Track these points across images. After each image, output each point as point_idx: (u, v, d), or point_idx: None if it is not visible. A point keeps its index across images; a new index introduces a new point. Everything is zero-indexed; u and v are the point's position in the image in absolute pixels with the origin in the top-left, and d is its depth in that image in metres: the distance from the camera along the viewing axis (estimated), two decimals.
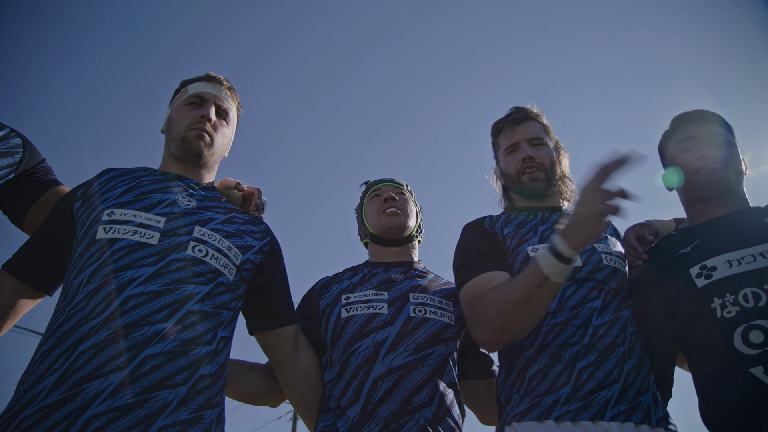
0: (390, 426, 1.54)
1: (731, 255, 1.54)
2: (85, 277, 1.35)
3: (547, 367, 1.53)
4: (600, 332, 1.54)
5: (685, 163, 1.73)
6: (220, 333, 1.42)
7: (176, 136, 1.63)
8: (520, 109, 1.97)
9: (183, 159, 1.63)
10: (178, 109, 1.67)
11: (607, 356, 1.51)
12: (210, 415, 1.34)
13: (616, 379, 1.48)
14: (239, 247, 1.54)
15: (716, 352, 1.48)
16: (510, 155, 1.92)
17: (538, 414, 1.47)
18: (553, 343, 1.55)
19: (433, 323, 1.71)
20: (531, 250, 1.69)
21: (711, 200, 1.70)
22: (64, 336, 1.27)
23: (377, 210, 1.99)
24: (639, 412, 1.47)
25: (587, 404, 1.45)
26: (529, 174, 1.84)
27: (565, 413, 1.44)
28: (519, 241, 1.74)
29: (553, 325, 1.57)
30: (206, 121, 1.62)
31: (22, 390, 1.24)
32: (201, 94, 1.67)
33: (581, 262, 1.66)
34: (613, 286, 1.65)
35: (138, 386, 1.22)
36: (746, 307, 1.44)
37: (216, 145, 1.66)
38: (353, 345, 1.68)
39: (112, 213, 1.43)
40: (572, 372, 1.50)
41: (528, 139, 1.89)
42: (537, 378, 1.53)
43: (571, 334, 1.54)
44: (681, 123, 1.81)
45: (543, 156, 1.87)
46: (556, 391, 1.49)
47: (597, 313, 1.57)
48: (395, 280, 1.85)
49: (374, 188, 2.09)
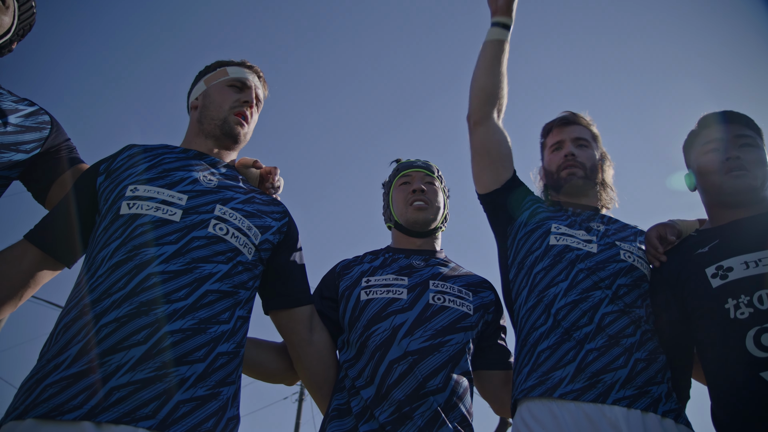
0: (403, 408, 1.56)
1: (749, 256, 1.52)
2: (109, 251, 1.36)
3: (557, 345, 1.58)
4: (608, 319, 1.57)
5: (709, 165, 1.69)
6: (237, 312, 1.44)
7: (216, 116, 1.66)
8: (571, 112, 2.02)
9: (218, 138, 1.66)
10: (219, 89, 1.71)
11: (617, 342, 1.54)
12: (227, 392, 1.36)
13: (623, 365, 1.51)
14: (258, 227, 1.55)
15: (727, 353, 1.47)
16: (554, 152, 1.97)
17: (543, 390, 1.51)
18: (563, 323, 1.60)
19: (451, 312, 1.72)
20: (555, 227, 1.78)
21: (734, 206, 1.67)
22: (86, 308, 1.29)
23: (405, 200, 1.96)
24: (646, 399, 1.47)
25: (592, 384, 1.48)
26: (569, 170, 1.89)
27: (569, 391, 1.47)
28: (548, 216, 1.84)
29: (564, 304, 1.63)
30: (249, 106, 1.69)
31: (45, 359, 1.27)
32: (244, 80, 1.73)
33: (596, 249, 1.72)
34: (626, 282, 1.67)
35: (158, 361, 1.25)
36: (761, 309, 1.43)
37: (250, 130, 1.73)
38: (371, 327, 1.69)
39: (135, 189, 1.45)
40: (580, 351, 1.54)
41: (573, 139, 1.94)
42: (545, 353, 1.58)
43: (579, 315, 1.59)
44: (708, 123, 1.77)
45: (585, 156, 1.92)
46: (561, 368, 1.52)
47: (606, 303, 1.61)
48: (416, 267, 1.85)
49: (404, 173, 2.04)
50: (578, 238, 1.76)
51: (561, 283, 1.67)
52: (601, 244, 1.75)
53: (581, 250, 1.73)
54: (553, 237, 1.77)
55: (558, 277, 1.69)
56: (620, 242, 1.78)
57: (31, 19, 1.70)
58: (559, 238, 1.76)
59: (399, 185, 2.02)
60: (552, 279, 1.69)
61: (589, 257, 1.71)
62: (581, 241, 1.76)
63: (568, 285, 1.66)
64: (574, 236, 1.77)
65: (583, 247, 1.73)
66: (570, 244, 1.74)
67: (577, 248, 1.73)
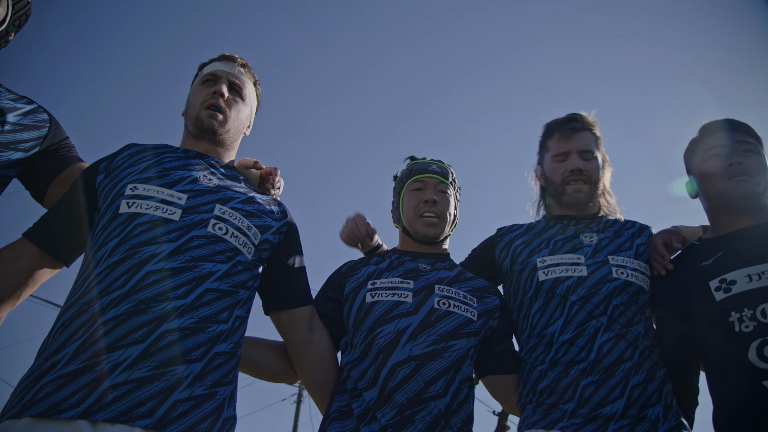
0: (404, 412, 1.56)
1: (752, 269, 1.53)
2: (108, 250, 1.36)
3: (555, 383, 1.64)
4: (605, 348, 1.62)
5: (712, 170, 1.70)
6: (236, 312, 1.43)
7: (191, 115, 1.65)
8: (577, 116, 1.95)
9: (199, 137, 1.64)
10: (194, 89, 1.70)
11: (612, 373, 1.59)
12: (223, 392, 1.35)
13: (619, 396, 1.56)
14: (258, 226, 1.55)
15: (731, 364, 1.49)
16: (558, 163, 1.92)
17: (545, 424, 1.59)
18: (561, 361, 1.66)
19: (455, 317, 1.72)
20: (540, 261, 1.79)
21: (737, 212, 1.67)
22: (84, 307, 1.29)
23: (415, 209, 1.88)
24: (645, 424, 1.52)
25: (591, 419, 1.54)
26: (575, 185, 1.87)
27: (569, 425, 1.55)
28: (530, 252, 1.85)
29: (561, 342, 1.67)
30: (219, 96, 1.63)
31: (43, 357, 1.26)
32: (214, 72, 1.69)
33: (587, 273, 1.72)
34: (622, 301, 1.67)
35: (155, 360, 1.24)
36: (763, 322, 1.45)
37: (231, 120, 1.66)
38: (375, 330, 1.69)
39: (135, 188, 1.44)
40: (577, 388, 1.60)
41: (580, 151, 1.90)
42: (546, 392, 1.65)
43: (576, 351, 1.63)
44: (710, 131, 1.78)
45: (591, 170, 1.89)
46: (562, 405, 1.60)
47: (602, 332, 1.63)
48: (422, 271, 1.84)
49: (418, 178, 1.93)
50: (565, 263, 1.77)
51: (557, 321, 1.71)
52: (591, 264, 1.75)
53: (572, 277, 1.73)
54: (541, 273, 1.78)
55: (554, 315, 1.72)
56: (613, 255, 1.77)
57: (27, 9, 1.68)
58: (547, 272, 1.77)
59: (411, 190, 1.92)
60: (548, 319, 1.73)
61: (581, 284, 1.71)
62: (569, 266, 1.76)
63: (563, 322, 1.69)
64: (560, 263, 1.77)
65: (573, 273, 1.74)
66: (559, 276, 1.75)
67: (567, 277, 1.73)
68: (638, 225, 1.93)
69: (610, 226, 1.90)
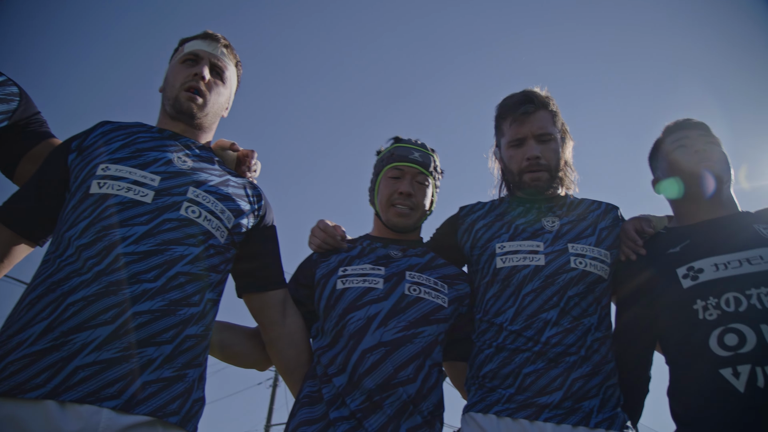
0: (373, 398, 1.57)
1: (719, 258, 1.57)
2: (78, 231, 1.34)
3: (498, 368, 1.66)
4: (553, 341, 1.62)
5: (681, 158, 1.77)
6: (207, 295, 1.43)
7: (170, 95, 1.61)
8: (529, 97, 1.86)
9: (176, 118, 1.61)
10: (173, 67, 1.66)
11: (556, 364, 1.60)
12: (193, 374, 1.36)
13: (558, 387, 1.58)
14: (232, 210, 1.54)
15: (691, 350, 1.54)
16: (514, 149, 1.86)
17: (482, 407, 1.62)
18: (507, 347, 1.67)
19: (426, 303, 1.73)
20: (499, 247, 1.79)
21: (702, 199, 1.73)
22: (53, 286, 1.28)
23: (389, 197, 1.86)
24: (577, 415, 1.55)
25: (527, 405, 1.57)
26: (532, 174, 1.82)
27: (505, 410, 1.58)
28: (490, 236, 1.84)
29: (510, 331, 1.68)
30: (199, 79, 1.60)
31: (6, 335, 1.24)
32: (196, 51, 1.65)
33: (544, 262, 1.71)
34: (578, 291, 1.68)
35: (125, 341, 1.24)
36: (727, 311, 1.49)
37: (210, 104, 1.63)
38: (346, 316, 1.69)
39: (107, 168, 1.42)
40: (518, 375, 1.62)
41: (536, 135, 1.82)
42: (489, 376, 1.67)
43: (524, 342, 1.65)
44: (674, 128, 1.86)
45: (549, 155, 1.83)
46: (501, 389, 1.62)
47: (551, 325, 1.64)
48: (393, 257, 1.85)
49: (396, 165, 1.89)
50: (524, 251, 1.75)
51: (508, 310, 1.71)
52: (550, 252, 1.73)
53: (528, 266, 1.72)
54: (499, 260, 1.77)
55: (506, 305, 1.72)
56: (573, 243, 1.75)
57: None
58: (505, 260, 1.76)
59: (388, 177, 1.89)
60: (500, 307, 1.73)
61: (537, 273, 1.70)
62: (527, 254, 1.74)
63: (514, 312, 1.69)
64: (519, 251, 1.75)
65: (530, 262, 1.72)
66: (516, 264, 1.74)
67: (524, 266, 1.72)
68: (604, 205, 1.91)
69: (574, 209, 1.87)
